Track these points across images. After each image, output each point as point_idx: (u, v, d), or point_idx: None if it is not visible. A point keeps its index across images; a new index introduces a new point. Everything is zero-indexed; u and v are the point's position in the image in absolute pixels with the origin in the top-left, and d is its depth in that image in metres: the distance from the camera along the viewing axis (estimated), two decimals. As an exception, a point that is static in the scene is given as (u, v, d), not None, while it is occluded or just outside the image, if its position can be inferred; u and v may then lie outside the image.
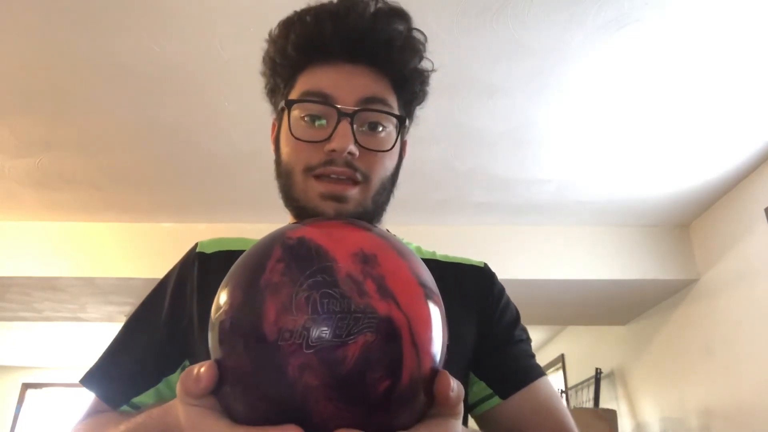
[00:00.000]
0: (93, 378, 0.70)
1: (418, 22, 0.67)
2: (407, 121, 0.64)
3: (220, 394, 0.39)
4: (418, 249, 0.76)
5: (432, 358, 0.39)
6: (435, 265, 0.72)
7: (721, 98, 2.00)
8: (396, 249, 0.43)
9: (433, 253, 0.77)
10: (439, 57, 0.69)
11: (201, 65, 1.87)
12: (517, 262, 2.89)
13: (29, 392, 6.01)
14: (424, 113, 0.74)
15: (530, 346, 0.74)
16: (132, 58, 1.83)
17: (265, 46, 0.70)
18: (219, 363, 0.39)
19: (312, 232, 0.42)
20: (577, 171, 2.48)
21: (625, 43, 1.74)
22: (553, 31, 1.70)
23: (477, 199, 2.72)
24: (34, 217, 2.94)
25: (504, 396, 0.67)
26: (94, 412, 0.68)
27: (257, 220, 2.90)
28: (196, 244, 0.74)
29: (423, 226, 2.93)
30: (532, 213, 2.85)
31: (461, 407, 0.40)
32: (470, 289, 0.72)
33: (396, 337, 0.38)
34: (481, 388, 0.69)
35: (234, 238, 0.75)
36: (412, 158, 0.72)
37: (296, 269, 0.39)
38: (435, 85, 0.71)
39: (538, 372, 0.70)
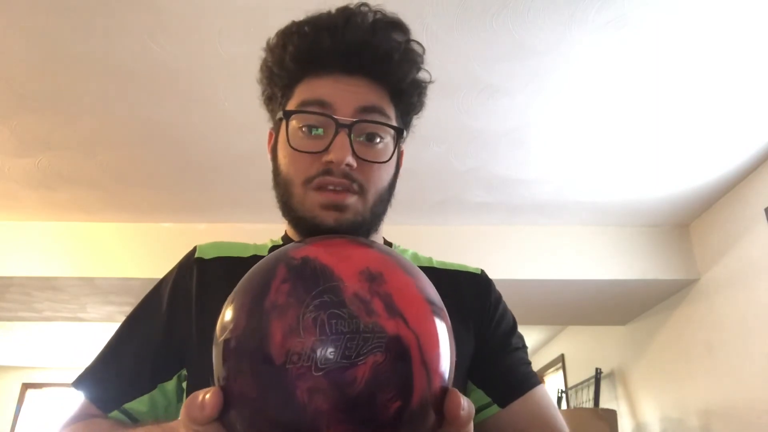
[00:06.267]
0: (85, 380, 0.69)
1: (418, 22, 0.67)
2: (404, 132, 0.64)
3: (226, 419, 0.38)
4: (415, 255, 0.76)
5: (441, 376, 0.39)
6: (432, 272, 0.71)
7: (721, 98, 2.00)
8: (401, 266, 0.43)
9: (430, 259, 0.76)
10: (439, 57, 0.70)
11: (201, 65, 1.87)
12: (517, 262, 2.88)
13: (29, 392, 6.01)
14: (424, 113, 0.74)
15: (526, 353, 0.74)
16: (132, 58, 1.83)
17: (264, 46, 0.69)
18: (224, 388, 0.38)
19: (316, 251, 0.42)
20: (577, 171, 2.48)
21: (625, 43, 1.74)
22: (553, 31, 1.71)
23: (477, 199, 2.72)
24: (34, 217, 2.94)
25: (503, 405, 0.68)
26: (83, 416, 0.67)
27: (257, 221, 2.90)
28: (195, 248, 0.72)
29: (423, 226, 2.93)
30: (532, 213, 2.85)
31: (471, 426, 0.40)
32: (467, 296, 0.72)
33: (405, 356, 0.37)
34: (479, 396, 0.69)
35: (233, 243, 0.74)
36: (412, 158, 0.73)
37: (302, 289, 0.38)
38: (435, 85, 0.71)
39: (535, 380, 0.70)
